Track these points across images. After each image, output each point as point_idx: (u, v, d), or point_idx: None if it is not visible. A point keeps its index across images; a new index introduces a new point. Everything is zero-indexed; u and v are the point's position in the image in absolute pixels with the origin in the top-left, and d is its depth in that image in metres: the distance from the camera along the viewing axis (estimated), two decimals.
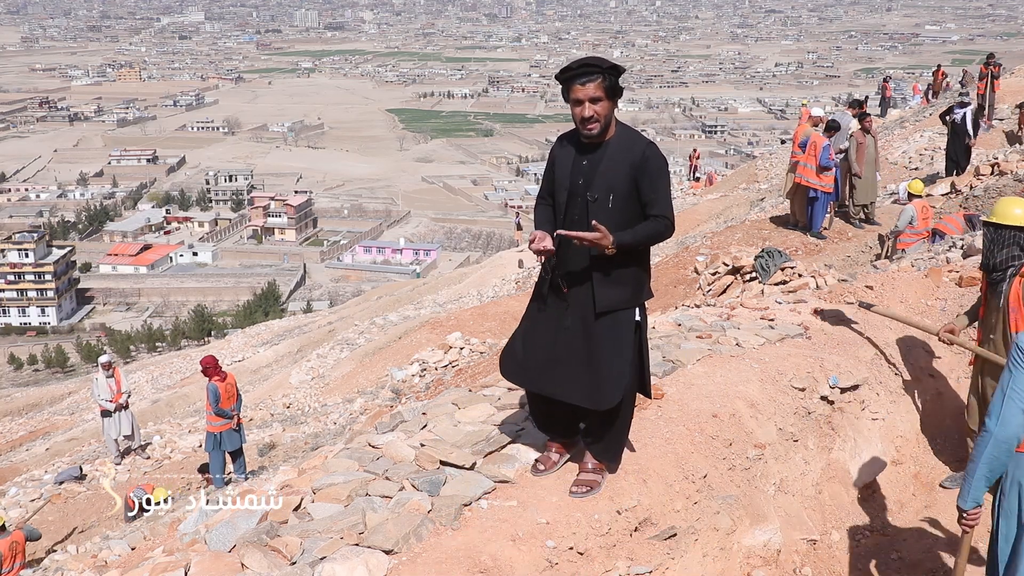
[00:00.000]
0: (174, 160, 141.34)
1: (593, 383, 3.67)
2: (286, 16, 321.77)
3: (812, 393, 5.28)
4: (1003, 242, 4.58)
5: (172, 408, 22.35)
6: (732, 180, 30.27)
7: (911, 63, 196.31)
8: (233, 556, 3.60)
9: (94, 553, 7.91)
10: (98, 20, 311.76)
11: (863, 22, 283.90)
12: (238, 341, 34.43)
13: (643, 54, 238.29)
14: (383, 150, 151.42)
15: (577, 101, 3.50)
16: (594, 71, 3.46)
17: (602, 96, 3.48)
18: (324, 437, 11.74)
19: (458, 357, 13.65)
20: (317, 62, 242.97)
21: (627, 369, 3.69)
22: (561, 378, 3.75)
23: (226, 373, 10.60)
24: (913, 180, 11.90)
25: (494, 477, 3.99)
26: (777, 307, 6.65)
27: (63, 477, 13.02)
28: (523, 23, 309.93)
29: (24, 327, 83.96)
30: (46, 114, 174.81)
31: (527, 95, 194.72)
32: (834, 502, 5.02)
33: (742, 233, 13.30)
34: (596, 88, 3.47)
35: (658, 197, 3.56)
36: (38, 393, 35.77)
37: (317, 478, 4.21)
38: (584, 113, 3.50)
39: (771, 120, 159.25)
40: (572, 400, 3.78)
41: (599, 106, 3.50)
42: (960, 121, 14.50)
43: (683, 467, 4.23)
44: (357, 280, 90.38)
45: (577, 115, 3.53)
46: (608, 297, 3.63)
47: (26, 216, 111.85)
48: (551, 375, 3.78)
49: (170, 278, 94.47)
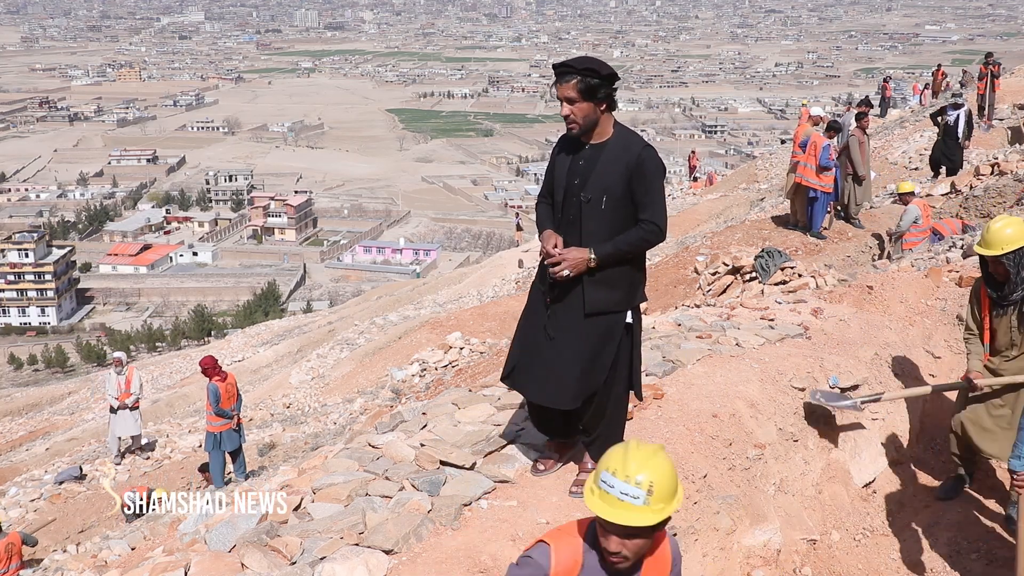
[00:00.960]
0: (174, 160, 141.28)
1: (562, 383, 3.68)
2: (286, 16, 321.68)
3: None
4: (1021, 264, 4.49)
5: (172, 408, 22.34)
6: (732, 180, 30.27)
7: (911, 63, 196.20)
8: (233, 556, 3.61)
9: (94, 553, 7.91)
10: (98, 20, 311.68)
11: (863, 22, 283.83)
12: (238, 341, 34.43)
13: (643, 54, 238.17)
14: (383, 150, 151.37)
15: (559, 100, 3.58)
16: (569, 71, 3.49)
17: (576, 97, 3.50)
18: (324, 437, 11.74)
19: (458, 357, 13.64)
20: (317, 62, 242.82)
21: (602, 371, 3.69)
22: (536, 379, 3.77)
23: (226, 373, 10.58)
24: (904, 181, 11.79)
25: (494, 477, 3.99)
26: (777, 307, 6.65)
27: (63, 477, 13.01)
28: (523, 23, 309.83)
29: (24, 327, 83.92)
30: (46, 114, 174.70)
31: (527, 95, 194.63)
32: (834, 502, 5.01)
33: (742, 233, 13.29)
34: (570, 88, 3.50)
35: (649, 201, 3.56)
36: (38, 393, 35.75)
37: (317, 478, 4.21)
38: (561, 111, 3.59)
39: (771, 120, 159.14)
40: (539, 400, 3.82)
41: (575, 107, 3.53)
42: (953, 123, 14.33)
43: (683, 467, 4.23)
44: (357, 280, 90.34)
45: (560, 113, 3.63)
46: (598, 299, 3.63)
47: (26, 216, 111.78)
48: (531, 376, 3.80)
49: (170, 278, 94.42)
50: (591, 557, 2.36)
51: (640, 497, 2.19)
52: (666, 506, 2.23)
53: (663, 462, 2.25)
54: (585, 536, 2.39)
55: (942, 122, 14.46)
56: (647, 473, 2.20)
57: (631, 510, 2.20)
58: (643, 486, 2.19)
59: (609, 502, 2.21)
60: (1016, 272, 4.49)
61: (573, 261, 3.51)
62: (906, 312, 6.50)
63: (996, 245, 4.47)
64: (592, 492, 2.25)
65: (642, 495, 2.19)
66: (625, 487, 2.19)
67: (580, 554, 2.36)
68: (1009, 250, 4.44)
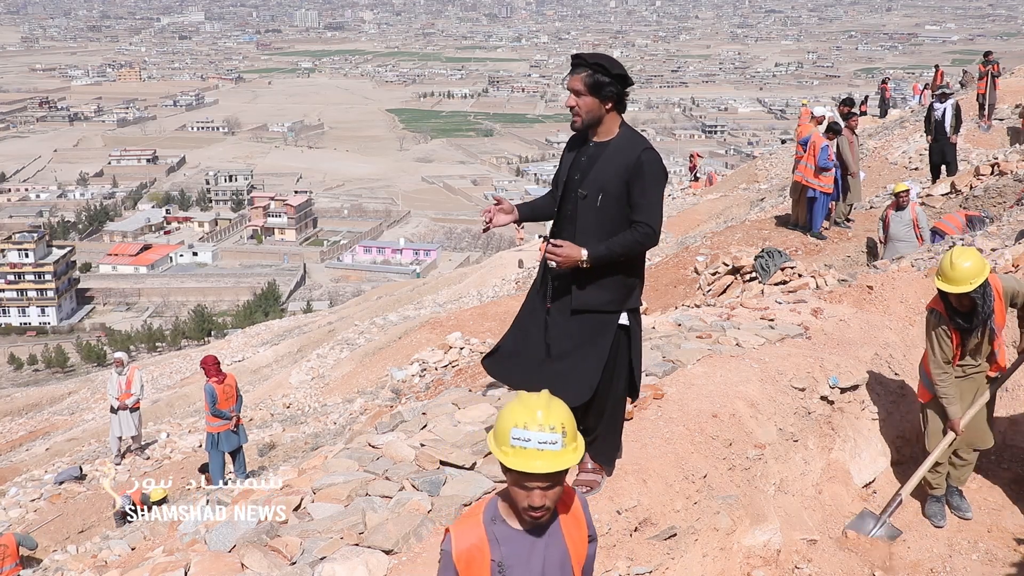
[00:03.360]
0: (174, 160, 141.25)
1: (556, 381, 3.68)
2: (286, 16, 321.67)
3: (812, 393, 5.28)
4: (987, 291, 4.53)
5: (172, 408, 22.34)
6: (732, 180, 30.26)
7: (911, 63, 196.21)
8: (233, 556, 3.60)
9: (94, 553, 7.92)
10: (98, 20, 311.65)
11: (863, 22, 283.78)
12: (238, 341, 34.41)
13: (643, 54, 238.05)
14: (383, 150, 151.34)
15: (568, 90, 3.62)
16: (581, 64, 3.55)
17: (582, 90, 3.54)
18: (324, 437, 11.73)
19: (458, 357, 13.62)
20: (317, 62, 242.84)
21: (596, 371, 3.70)
22: (531, 373, 3.77)
23: (225, 374, 10.56)
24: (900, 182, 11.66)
25: (494, 477, 3.99)
26: (777, 307, 6.65)
27: (63, 477, 12.99)
28: (523, 23, 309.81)
29: (24, 327, 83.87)
30: (46, 114, 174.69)
31: (527, 95, 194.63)
32: (834, 502, 5.01)
33: (742, 233, 13.30)
34: (579, 81, 3.55)
35: (646, 203, 3.56)
36: (38, 393, 35.72)
37: (317, 478, 4.21)
38: (568, 102, 3.62)
39: (771, 120, 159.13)
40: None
41: (580, 99, 3.57)
42: (940, 117, 13.96)
43: (683, 467, 4.23)
44: (357, 280, 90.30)
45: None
46: (585, 297, 3.65)
47: (26, 216, 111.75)
48: (523, 369, 3.81)
49: (170, 278, 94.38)
50: (499, 529, 2.39)
51: (558, 441, 2.24)
52: (579, 444, 2.30)
53: (560, 404, 2.31)
54: (484, 514, 2.43)
55: (932, 121, 14.20)
56: (555, 417, 2.26)
57: (554, 456, 2.24)
58: (557, 430, 2.25)
59: (529, 455, 2.24)
60: (983, 303, 4.51)
61: (564, 257, 3.52)
62: (906, 312, 6.50)
63: (964, 281, 4.45)
64: (506, 454, 2.27)
65: (559, 438, 2.24)
66: (541, 435, 2.24)
67: (482, 529, 2.40)
68: (978, 284, 4.45)
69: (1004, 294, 4.67)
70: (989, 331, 4.64)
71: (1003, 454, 5.42)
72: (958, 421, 4.74)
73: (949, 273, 4.48)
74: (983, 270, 4.48)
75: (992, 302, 4.56)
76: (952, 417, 4.74)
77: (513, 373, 3.87)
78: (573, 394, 3.68)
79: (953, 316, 4.62)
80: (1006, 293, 4.69)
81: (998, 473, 5.32)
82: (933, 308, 4.74)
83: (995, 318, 4.62)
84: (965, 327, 4.61)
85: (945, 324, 4.66)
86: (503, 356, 3.92)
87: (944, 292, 4.55)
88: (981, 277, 4.46)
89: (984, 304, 4.51)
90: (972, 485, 5.19)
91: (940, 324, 4.67)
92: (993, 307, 4.57)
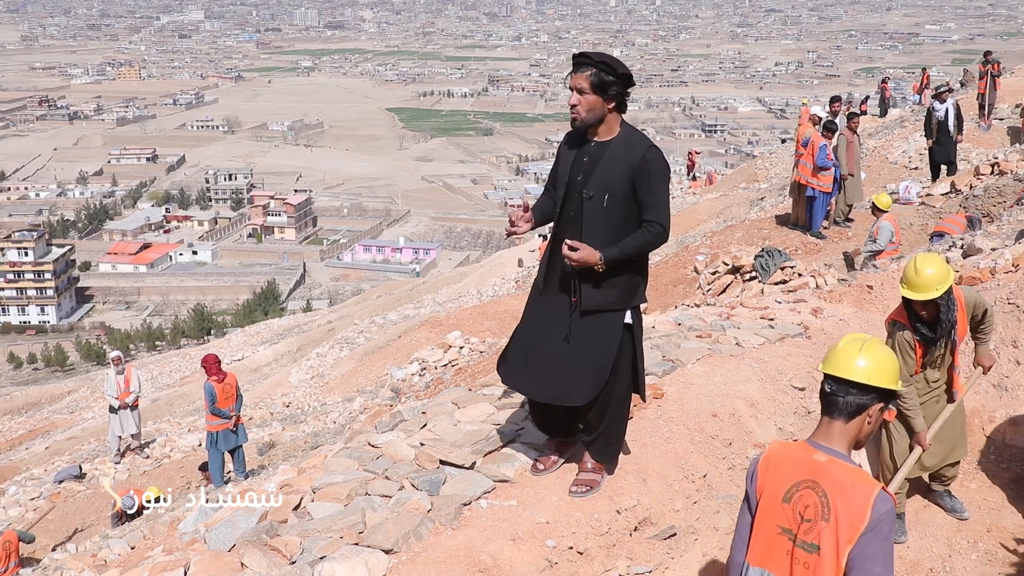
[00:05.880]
0: (174, 159, 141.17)
1: (565, 381, 3.68)
2: (286, 15, 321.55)
3: (812, 393, 5.27)
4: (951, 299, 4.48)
5: (172, 407, 22.34)
6: (732, 179, 30.26)
7: (911, 63, 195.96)
8: (233, 555, 3.60)
9: (94, 552, 7.92)
10: (98, 19, 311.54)
11: (863, 22, 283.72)
12: (238, 340, 34.42)
13: (643, 53, 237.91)
14: (383, 149, 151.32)
15: (570, 88, 3.62)
16: (586, 62, 3.55)
17: (586, 88, 3.54)
18: (324, 436, 11.73)
19: (458, 356, 13.62)
20: (317, 61, 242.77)
21: (605, 369, 3.68)
22: (538, 377, 3.77)
23: (225, 373, 10.55)
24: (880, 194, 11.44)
25: (494, 476, 3.99)
26: (777, 307, 6.65)
27: (63, 476, 12.99)
28: (523, 22, 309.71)
29: (24, 326, 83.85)
30: (46, 113, 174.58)
31: (527, 94, 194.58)
32: None
33: (742, 232, 13.30)
34: (583, 79, 3.54)
35: (654, 201, 3.56)
36: (37, 392, 35.74)
37: (317, 477, 4.21)
38: (570, 100, 3.62)
39: (771, 119, 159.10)
40: (542, 398, 3.80)
41: (583, 98, 3.56)
42: (943, 118, 13.83)
43: (683, 467, 4.23)
44: (357, 279, 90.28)
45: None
46: (593, 297, 3.64)
47: (26, 215, 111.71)
48: (531, 374, 3.80)
49: (170, 277, 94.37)
50: None
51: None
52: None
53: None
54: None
55: (934, 122, 14.12)
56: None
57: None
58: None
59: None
60: (947, 311, 4.45)
61: (580, 260, 3.50)
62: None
63: (929, 287, 4.38)
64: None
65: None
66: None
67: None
68: (943, 290, 4.40)
69: (967, 305, 4.64)
70: (951, 342, 4.60)
71: (1003, 454, 5.41)
72: (924, 435, 4.64)
73: (914, 280, 4.40)
74: (947, 277, 4.41)
75: (956, 311, 4.51)
76: (918, 430, 4.63)
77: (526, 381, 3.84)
78: (581, 393, 3.68)
79: (917, 327, 4.55)
80: (968, 304, 4.65)
81: (998, 473, 5.31)
82: (895, 320, 4.66)
83: (956, 328, 4.57)
84: (930, 337, 4.53)
85: (908, 336, 4.58)
86: (513, 364, 3.88)
87: (909, 300, 4.48)
88: (946, 283, 4.39)
89: (948, 312, 4.46)
90: (972, 485, 5.18)
91: (902, 339, 4.59)
92: (956, 316, 4.52)
